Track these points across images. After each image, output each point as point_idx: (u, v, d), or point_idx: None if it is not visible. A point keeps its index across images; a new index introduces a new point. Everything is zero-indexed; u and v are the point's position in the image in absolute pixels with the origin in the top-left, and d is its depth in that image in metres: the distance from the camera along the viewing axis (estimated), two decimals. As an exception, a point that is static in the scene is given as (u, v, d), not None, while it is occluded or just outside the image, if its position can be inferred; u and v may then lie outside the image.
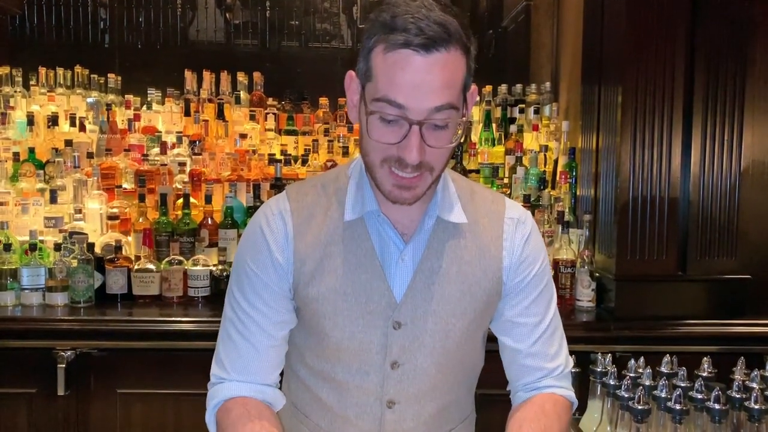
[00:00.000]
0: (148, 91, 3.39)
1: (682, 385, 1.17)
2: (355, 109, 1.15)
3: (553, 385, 1.26)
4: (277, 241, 1.20)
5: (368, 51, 1.09)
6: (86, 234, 2.55)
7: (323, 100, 3.40)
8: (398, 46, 1.03)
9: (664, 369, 1.24)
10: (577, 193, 2.81)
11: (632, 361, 1.26)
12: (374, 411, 1.23)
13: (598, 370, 1.23)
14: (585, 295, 2.48)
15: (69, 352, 2.26)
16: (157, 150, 2.98)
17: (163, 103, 3.35)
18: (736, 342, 2.33)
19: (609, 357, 1.29)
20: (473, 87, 1.15)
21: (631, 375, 1.22)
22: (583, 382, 1.42)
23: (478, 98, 3.29)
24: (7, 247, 2.47)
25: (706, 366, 1.25)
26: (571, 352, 2.25)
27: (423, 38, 1.02)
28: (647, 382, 1.16)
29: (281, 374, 1.31)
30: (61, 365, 2.24)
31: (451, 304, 1.21)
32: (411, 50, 1.03)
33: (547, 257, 1.31)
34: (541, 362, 1.26)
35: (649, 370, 1.19)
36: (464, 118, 1.11)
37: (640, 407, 1.11)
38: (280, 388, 1.29)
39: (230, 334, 1.23)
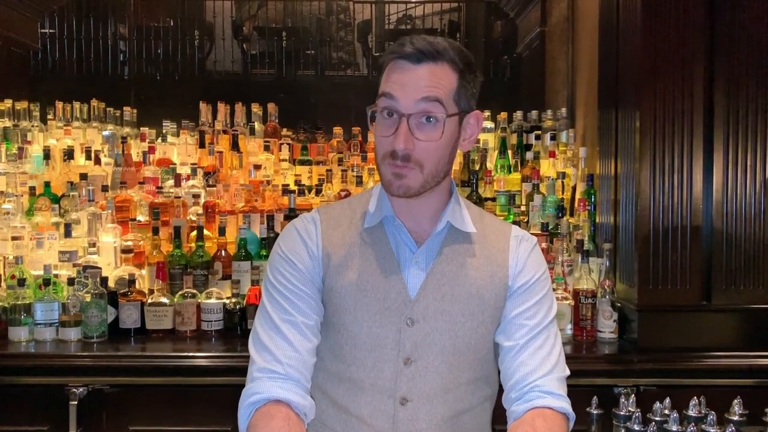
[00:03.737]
0: (163, 124, 3.41)
1: (712, 431, 1.10)
2: None
3: (546, 395, 1.27)
4: (309, 236, 1.36)
5: (381, 75, 1.31)
6: (100, 268, 2.54)
7: (337, 130, 3.38)
8: (395, 56, 1.27)
9: (692, 412, 1.18)
10: (597, 220, 2.74)
11: (657, 404, 1.19)
12: (387, 409, 1.29)
13: (621, 413, 1.17)
14: (607, 327, 2.41)
15: (81, 389, 2.23)
16: (171, 182, 2.98)
17: (177, 135, 3.36)
18: (764, 375, 2.24)
19: (632, 398, 1.23)
20: (476, 111, 1.32)
21: (657, 419, 1.16)
22: (606, 423, 1.35)
23: (492, 125, 3.27)
24: (22, 282, 2.46)
25: (737, 408, 1.18)
26: (594, 386, 2.22)
27: (413, 49, 1.24)
28: (674, 428, 1.09)
29: None
30: (73, 402, 2.21)
31: (460, 304, 1.31)
32: (403, 59, 1.25)
33: (549, 274, 1.41)
34: (534, 359, 1.29)
35: (675, 414, 1.12)
36: (449, 117, 1.26)
37: (667, 456, 1.05)
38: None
39: (275, 323, 1.29)
